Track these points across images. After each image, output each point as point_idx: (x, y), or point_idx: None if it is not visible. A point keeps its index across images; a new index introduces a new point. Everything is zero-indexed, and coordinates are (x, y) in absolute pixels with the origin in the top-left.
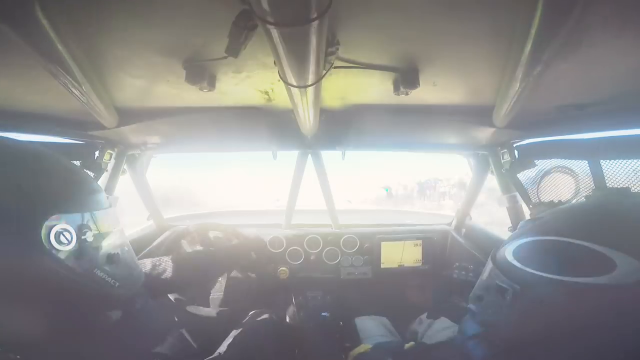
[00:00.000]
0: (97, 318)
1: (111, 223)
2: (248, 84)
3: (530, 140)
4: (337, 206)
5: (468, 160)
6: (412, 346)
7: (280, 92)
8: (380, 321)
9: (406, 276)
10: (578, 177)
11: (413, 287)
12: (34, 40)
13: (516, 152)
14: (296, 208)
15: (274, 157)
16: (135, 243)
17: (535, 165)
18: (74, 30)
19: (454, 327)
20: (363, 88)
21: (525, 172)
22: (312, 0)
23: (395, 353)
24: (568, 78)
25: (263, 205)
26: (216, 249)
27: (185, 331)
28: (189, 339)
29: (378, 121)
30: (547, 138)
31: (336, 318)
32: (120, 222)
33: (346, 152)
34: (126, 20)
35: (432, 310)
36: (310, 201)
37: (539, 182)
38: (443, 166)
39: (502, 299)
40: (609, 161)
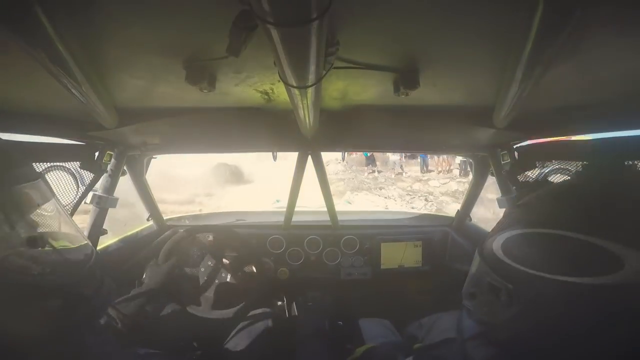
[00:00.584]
0: (30, 311)
1: (32, 200)
2: (248, 85)
3: (530, 141)
4: (337, 207)
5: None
6: (419, 348)
7: (280, 93)
8: (382, 323)
9: (406, 277)
10: None
11: (413, 288)
12: (34, 40)
13: (516, 154)
14: (296, 209)
15: (274, 159)
16: (135, 243)
17: (535, 166)
18: (74, 30)
19: (454, 328)
20: (363, 89)
21: (525, 174)
22: (312, 0)
23: (404, 351)
24: (568, 79)
25: (263, 205)
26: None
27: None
28: (190, 339)
29: (378, 122)
30: (548, 139)
31: (336, 319)
32: (50, 198)
33: None
34: (126, 20)
35: (432, 311)
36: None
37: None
38: None
39: (496, 299)
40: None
